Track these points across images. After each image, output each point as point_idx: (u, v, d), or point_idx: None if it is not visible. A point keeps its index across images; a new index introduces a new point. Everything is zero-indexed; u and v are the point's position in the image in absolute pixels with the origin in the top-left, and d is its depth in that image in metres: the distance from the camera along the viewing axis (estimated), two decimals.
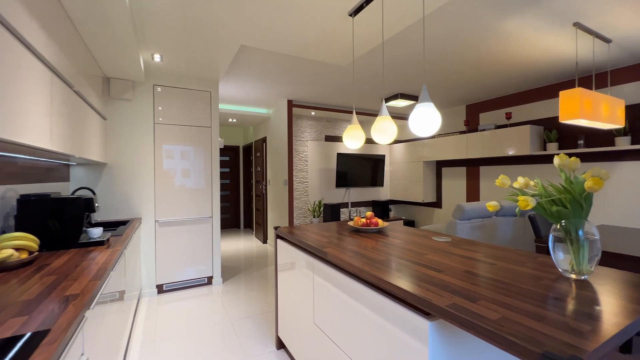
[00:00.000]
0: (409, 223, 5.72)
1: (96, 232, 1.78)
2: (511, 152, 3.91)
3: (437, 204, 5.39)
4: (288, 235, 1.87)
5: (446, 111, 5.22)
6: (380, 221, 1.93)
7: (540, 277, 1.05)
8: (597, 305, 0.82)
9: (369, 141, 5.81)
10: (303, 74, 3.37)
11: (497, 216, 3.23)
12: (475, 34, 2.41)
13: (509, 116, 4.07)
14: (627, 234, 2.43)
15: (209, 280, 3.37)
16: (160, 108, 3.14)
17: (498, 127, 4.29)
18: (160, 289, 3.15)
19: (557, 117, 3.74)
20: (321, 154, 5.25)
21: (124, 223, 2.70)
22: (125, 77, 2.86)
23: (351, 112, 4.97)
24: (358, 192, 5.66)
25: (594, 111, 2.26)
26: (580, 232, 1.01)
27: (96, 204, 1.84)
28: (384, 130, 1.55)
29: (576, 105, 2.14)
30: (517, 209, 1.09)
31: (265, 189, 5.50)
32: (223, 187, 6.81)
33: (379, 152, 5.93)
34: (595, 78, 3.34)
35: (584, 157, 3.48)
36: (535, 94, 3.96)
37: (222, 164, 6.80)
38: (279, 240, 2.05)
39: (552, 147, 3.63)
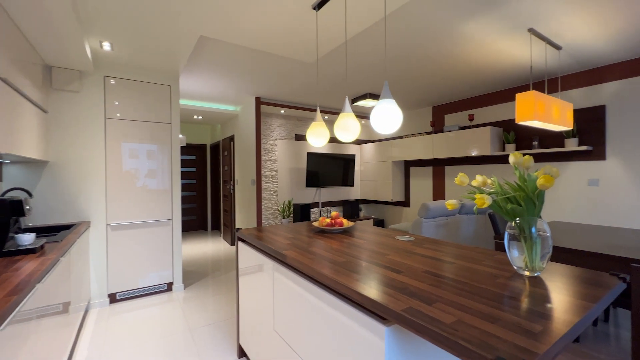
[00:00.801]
0: (379, 222, 5.79)
1: (26, 239, 1.57)
2: (474, 153, 4.06)
3: (406, 203, 5.50)
4: (249, 237, 1.77)
5: (413, 112, 5.34)
6: (345, 221, 1.89)
7: (496, 275, 1.05)
8: (549, 303, 0.82)
9: (339, 141, 5.81)
10: (270, 70, 3.27)
11: (460, 214, 3.33)
12: (437, 35, 2.45)
13: (471, 118, 4.23)
14: (575, 229, 2.59)
15: (169, 287, 3.16)
16: (114, 102, 2.89)
17: (462, 128, 4.45)
18: (113, 298, 2.90)
19: (514, 119, 3.94)
20: (291, 153, 5.16)
21: (67, 227, 2.44)
22: (70, 66, 2.59)
23: (321, 111, 4.93)
24: (329, 192, 5.63)
25: (547, 113, 2.38)
26: (533, 229, 1.02)
27: (27, 207, 1.62)
28: (346, 128, 1.51)
29: (531, 107, 2.24)
30: (474, 207, 1.09)
31: (233, 189, 5.30)
32: (189, 187, 6.50)
33: (350, 151, 5.95)
34: (548, 83, 3.55)
35: (538, 158, 3.69)
36: (496, 97, 4.15)
37: (189, 163, 6.48)
38: (240, 243, 1.94)
39: (510, 148, 3.82)
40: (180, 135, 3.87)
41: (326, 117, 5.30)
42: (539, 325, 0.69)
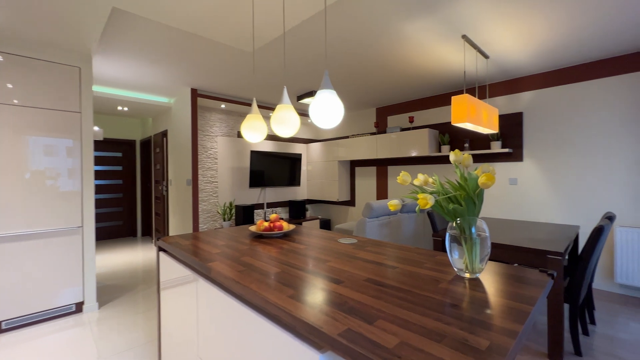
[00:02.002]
0: (325, 222, 5.76)
1: None
2: (413, 153, 4.24)
3: (351, 202, 5.55)
4: (171, 247, 1.51)
5: (359, 113, 5.41)
6: (285, 224, 1.73)
7: (438, 280, 0.99)
8: (490, 309, 0.76)
9: (286, 139, 5.63)
10: (208, 58, 2.96)
11: (401, 213, 3.42)
12: (378, 34, 2.44)
13: (411, 120, 4.41)
14: (500, 224, 2.81)
15: (79, 307, 2.65)
16: (6, 85, 2.30)
17: (403, 129, 4.62)
18: None
19: (449, 122, 4.21)
20: (233, 151, 4.82)
21: None
22: None
23: (267, 108, 4.70)
24: (274, 192, 5.42)
25: (478, 117, 2.53)
26: (473, 230, 0.99)
27: None
28: (284, 121, 1.35)
29: (464, 110, 2.35)
30: (417, 207, 1.02)
31: (166, 190, 4.77)
32: (115, 188, 5.69)
33: (296, 151, 5.81)
34: (478, 90, 3.84)
35: None
36: (433, 100, 4.39)
37: (114, 161, 5.68)
38: (161, 254, 1.65)
39: (445, 149, 4.07)
40: (96, 128, 3.31)
41: (270, 113, 5.07)
42: (485, 340, 0.62)
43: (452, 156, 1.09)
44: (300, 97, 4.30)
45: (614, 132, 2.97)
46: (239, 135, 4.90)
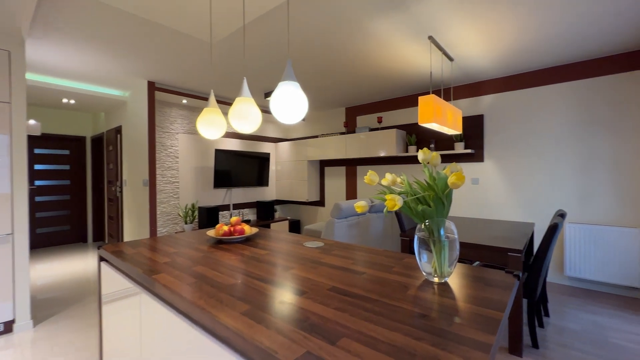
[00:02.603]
0: (295, 223, 5.65)
1: None
2: (382, 153, 4.26)
3: (321, 202, 5.49)
4: (113, 256, 1.32)
5: (328, 112, 5.37)
6: (247, 227, 1.61)
7: (407, 285, 0.93)
8: (461, 318, 0.71)
9: (254, 138, 5.44)
10: (166, 49, 2.72)
11: (370, 213, 3.41)
12: (344, 30, 2.39)
13: (380, 120, 4.44)
14: (464, 223, 2.89)
15: (8, 327, 2.31)
16: None
17: (372, 130, 4.64)
18: None
19: (416, 123, 4.29)
20: (196, 149, 4.55)
21: None
22: None
23: (230, 104, 4.49)
24: (241, 193, 5.21)
25: (443, 117, 2.56)
26: (442, 231, 0.95)
27: None
28: (243, 115, 1.23)
29: (431, 110, 2.36)
30: (384, 209, 0.96)
31: (121, 192, 4.38)
32: (61, 189, 5.13)
33: (264, 150, 5.64)
34: (443, 92, 3.95)
35: None
36: (401, 101, 4.45)
37: (61, 159, 5.12)
38: (103, 265, 1.45)
39: (412, 149, 4.14)
40: (31, 121, 2.92)
41: None
42: (457, 357, 0.56)
43: (421, 155, 1.04)
44: (267, 95, 4.15)
45: (563, 135, 3.18)
46: None
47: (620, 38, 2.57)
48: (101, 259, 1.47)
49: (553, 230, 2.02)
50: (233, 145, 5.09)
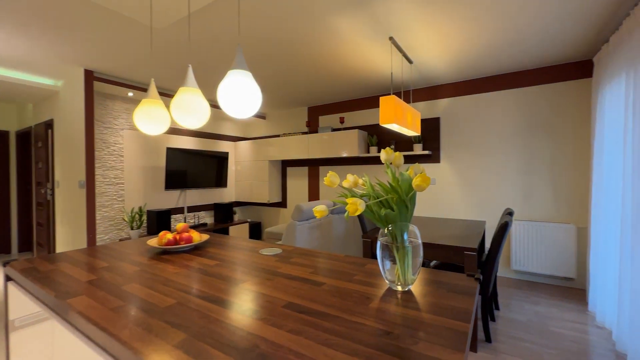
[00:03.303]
0: (256, 225, 5.44)
1: None
2: (344, 154, 4.25)
3: (283, 203, 5.35)
4: (21, 275, 1.08)
5: (290, 111, 5.24)
6: (195, 235, 1.44)
7: (369, 296, 0.86)
8: (427, 333, 0.65)
9: (211, 136, 5.13)
10: (105, 33, 2.40)
11: (332, 214, 3.36)
12: (303, 24, 2.30)
13: (342, 120, 4.43)
14: (423, 222, 2.96)
15: None
16: None
17: (334, 130, 4.61)
18: None
19: (377, 124, 4.34)
20: (144, 147, 4.15)
21: None
22: None
23: None
24: (197, 194, 4.87)
25: (403, 118, 2.59)
26: (405, 236, 0.89)
27: None
28: (187, 107, 1.08)
29: (391, 111, 2.36)
30: (345, 214, 0.88)
31: (52, 195, 3.85)
32: None
33: (223, 149, 5.34)
34: (403, 94, 4.04)
35: None
36: (362, 102, 4.48)
37: None
38: (10, 285, 1.20)
39: (373, 150, 4.17)
40: None
41: None
42: None
43: (384, 155, 0.98)
44: None
45: (510, 138, 3.41)
46: None
47: (561, 50, 2.80)
48: (7, 278, 1.21)
49: (504, 229, 2.12)
50: (187, 143, 4.74)
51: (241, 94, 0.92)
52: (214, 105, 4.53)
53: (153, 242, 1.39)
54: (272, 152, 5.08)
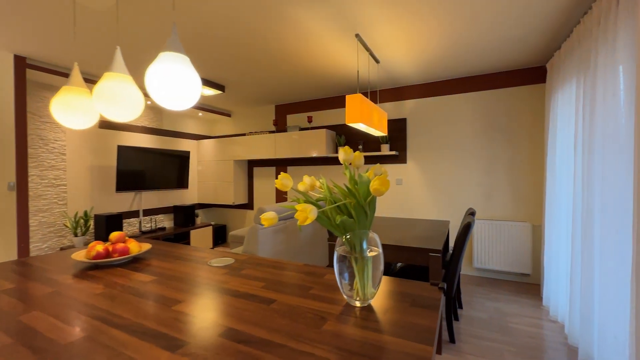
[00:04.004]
0: (220, 228, 5.17)
1: None
2: (312, 154, 4.15)
3: (249, 205, 5.14)
4: None
5: (257, 109, 5.05)
6: (133, 244, 1.25)
7: (324, 315, 0.76)
8: (390, 356, 0.56)
9: (170, 134, 4.79)
10: (37, 15, 2.08)
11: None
12: (263, 15, 2.16)
13: (310, 120, 4.33)
14: (389, 223, 2.93)
15: None
16: None
17: (302, 129, 4.50)
18: None
19: (345, 124, 4.29)
20: (91, 145, 3.76)
21: None
22: None
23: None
24: (155, 196, 4.52)
25: (370, 118, 2.54)
26: (365, 245, 0.80)
27: None
28: (113, 95, 0.90)
29: (358, 109, 2.30)
30: (298, 224, 0.76)
31: None
32: None
33: (184, 147, 5.01)
34: (370, 95, 4.02)
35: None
36: (330, 102, 4.41)
37: None
38: None
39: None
40: None
41: (148, 102, 4.19)
42: None
43: (342, 154, 0.88)
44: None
45: (472, 140, 3.51)
46: (102, 125, 3.85)
47: (518, 56, 2.91)
48: None
49: (466, 230, 2.13)
50: (143, 141, 4.38)
51: (173, 82, 0.77)
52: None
53: (80, 255, 1.19)
54: (237, 152, 4.85)
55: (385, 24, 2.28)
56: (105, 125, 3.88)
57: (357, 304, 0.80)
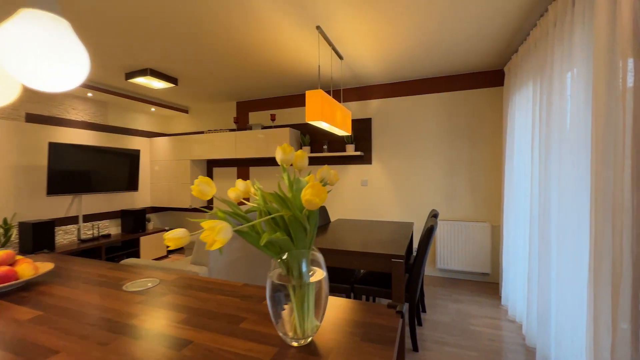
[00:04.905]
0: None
1: None
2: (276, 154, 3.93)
3: (209, 208, 4.80)
4: None
5: (217, 106, 4.73)
6: (25, 267, 0.99)
7: None
8: None
9: (117, 130, 4.32)
10: None
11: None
12: (220, 5, 1.94)
13: (273, 118, 4.11)
14: (353, 226, 2.82)
15: None
16: None
17: (264, 127, 4.27)
18: None
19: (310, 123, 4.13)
20: (15, 141, 3.24)
21: None
22: None
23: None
24: (99, 200, 4.04)
25: (332, 116, 2.40)
26: (304, 268, 0.63)
27: None
28: None
29: (319, 106, 2.15)
30: (205, 247, 0.58)
31: None
32: None
33: (133, 145, 4.55)
34: (333, 94, 3.90)
35: (327, 161, 4.01)
36: (294, 99, 4.23)
37: None
38: None
39: (305, 150, 3.95)
40: None
41: (89, 94, 3.73)
42: None
43: (279, 154, 0.71)
44: (129, 76, 3.27)
45: (435, 141, 3.52)
46: (29, 118, 3.34)
47: (477, 59, 2.94)
48: None
49: (429, 233, 2.06)
50: (84, 137, 3.89)
51: (42, 49, 0.55)
52: (127, 94, 3.78)
53: None
54: (195, 151, 4.51)
55: (348, 17, 2.15)
56: (34, 119, 3.38)
57: (294, 344, 0.64)
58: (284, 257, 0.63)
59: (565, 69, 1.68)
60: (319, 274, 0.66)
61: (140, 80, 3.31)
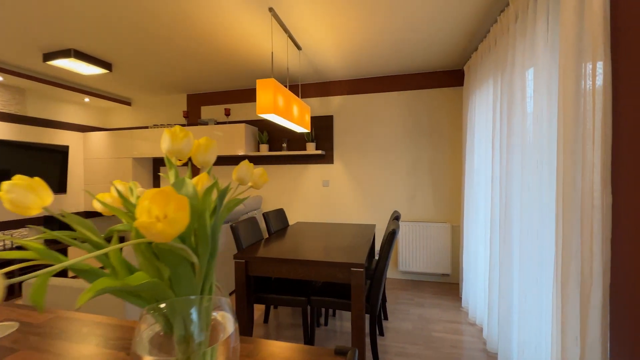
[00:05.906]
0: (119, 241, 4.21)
1: None
2: (235, 152, 3.60)
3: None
4: None
5: (164, 98, 4.26)
6: None
7: None
8: None
9: (42, 122, 3.68)
10: None
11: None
12: None
13: (228, 112, 3.78)
14: (313, 229, 2.60)
15: None
16: None
17: (218, 123, 3.91)
18: None
19: (267, 120, 3.85)
20: None
21: None
22: None
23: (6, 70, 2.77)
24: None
25: (287, 110, 2.16)
26: (195, 329, 0.39)
27: None
28: None
29: (271, 98, 1.90)
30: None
31: None
32: None
33: (61, 141, 3.93)
34: (291, 88, 3.66)
35: (287, 160, 3.76)
36: (251, 94, 3.92)
37: None
38: None
39: (264, 148, 3.67)
40: None
41: (0, 77, 3.11)
42: None
43: (166, 141, 0.46)
44: (48, 57, 2.75)
45: (396, 140, 3.43)
46: None
47: (438, 58, 2.88)
48: None
49: (391, 237, 1.91)
50: None
51: None
52: (45, 79, 3.19)
53: None
54: (139, 147, 4.00)
55: (305, 3, 1.93)
56: None
57: None
58: (163, 307, 0.39)
59: (527, 65, 1.61)
60: (225, 327, 0.42)
61: (62, 63, 2.80)
